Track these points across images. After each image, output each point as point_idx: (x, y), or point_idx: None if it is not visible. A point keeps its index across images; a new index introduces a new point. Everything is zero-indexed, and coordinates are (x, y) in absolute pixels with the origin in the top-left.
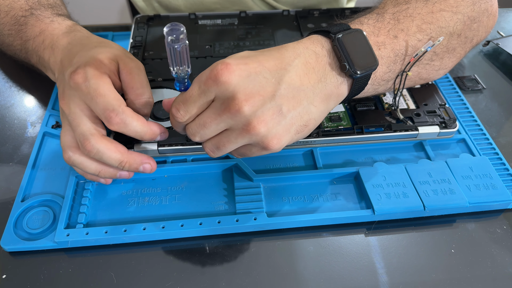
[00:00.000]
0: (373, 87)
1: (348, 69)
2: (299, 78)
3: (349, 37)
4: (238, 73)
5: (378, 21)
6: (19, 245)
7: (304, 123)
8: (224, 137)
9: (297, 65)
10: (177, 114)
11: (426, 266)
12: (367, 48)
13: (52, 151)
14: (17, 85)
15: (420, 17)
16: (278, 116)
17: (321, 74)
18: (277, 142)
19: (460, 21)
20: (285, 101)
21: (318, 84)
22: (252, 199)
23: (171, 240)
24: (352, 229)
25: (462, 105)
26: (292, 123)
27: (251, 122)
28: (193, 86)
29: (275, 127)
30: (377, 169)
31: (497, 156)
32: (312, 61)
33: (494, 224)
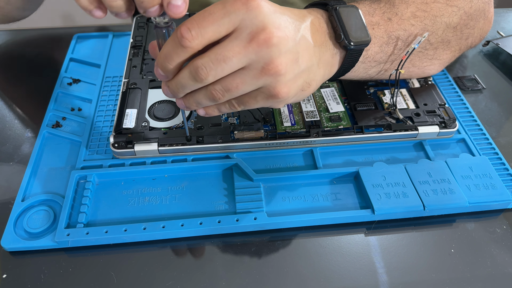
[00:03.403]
0: (363, 65)
1: (343, 39)
2: (311, 35)
3: (345, 10)
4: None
5: (373, 2)
6: (19, 244)
7: (309, 81)
8: (239, 77)
9: (308, 23)
10: (187, 33)
11: (426, 266)
12: (361, 24)
13: (52, 150)
14: (18, 85)
15: (415, 5)
16: (295, 63)
17: (323, 38)
18: (287, 91)
19: (455, 13)
20: (301, 50)
21: (321, 47)
22: (252, 199)
23: (171, 240)
24: (352, 229)
25: (462, 105)
26: (301, 76)
27: (273, 60)
28: (215, 5)
29: (290, 74)
30: (377, 169)
31: (497, 156)
32: (316, 24)
33: (494, 224)
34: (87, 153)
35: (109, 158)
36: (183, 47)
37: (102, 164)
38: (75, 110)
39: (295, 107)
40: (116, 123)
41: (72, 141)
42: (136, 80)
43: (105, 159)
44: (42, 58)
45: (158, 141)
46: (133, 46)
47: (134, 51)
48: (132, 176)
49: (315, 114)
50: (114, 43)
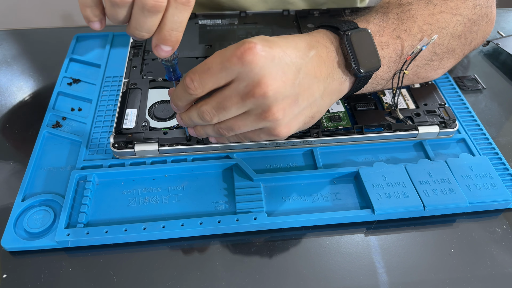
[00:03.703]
0: (372, 85)
1: (353, 68)
2: (314, 70)
3: (356, 36)
4: (264, 55)
5: (383, 21)
6: (19, 244)
7: (312, 115)
8: (240, 121)
9: (313, 56)
10: (191, 84)
11: (426, 266)
12: (372, 49)
13: (52, 150)
14: (18, 85)
15: (422, 18)
16: (294, 105)
17: (330, 69)
18: (287, 131)
19: (460, 22)
20: (302, 90)
21: (327, 78)
22: (252, 199)
23: (171, 240)
24: (352, 229)
25: (462, 105)
26: (303, 113)
27: (271, 108)
28: (213, 59)
29: (289, 116)
30: (377, 169)
31: (497, 156)
32: (323, 55)
33: (494, 224)
34: (87, 153)
35: (109, 158)
36: (189, 94)
37: (102, 164)
38: (75, 110)
39: None
40: (116, 123)
41: (72, 141)
42: (136, 80)
43: (105, 159)
44: (42, 58)
45: (158, 141)
46: (133, 46)
47: (134, 51)
48: (132, 176)
49: None
50: (114, 43)
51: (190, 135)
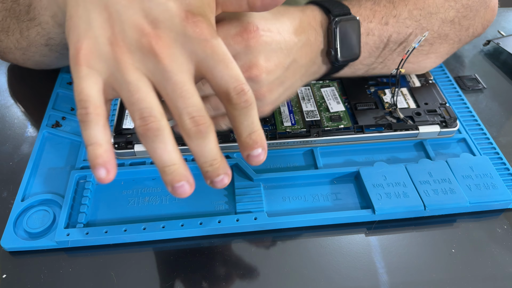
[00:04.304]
0: (350, 70)
1: (332, 56)
2: (301, 54)
3: (345, 25)
4: (264, 39)
5: (375, 4)
6: (19, 244)
7: (290, 94)
8: None
9: (303, 40)
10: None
11: (426, 266)
12: (356, 40)
13: (52, 150)
14: (18, 85)
15: (413, 2)
16: (281, 86)
17: (314, 53)
18: (270, 108)
19: (452, 7)
20: (289, 74)
21: (310, 62)
22: (252, 199)
23: (171, 240)
24: (352, 229)
25: (463, 105)
26: (285, 93)
27: (261, 88)
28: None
29: (275, 95)
30: (378, 169)
31: (498, 156)
32: (312, 39)
33: (494, 224)
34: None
35: None
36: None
37: None
38: (75, 109)
39: (295, 107)
40: (116, 123)
41: (72, 141)
42: None
43: None
44: None
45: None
46: None
47: None
48: (132, 176)
49: (315, 114)
50: None
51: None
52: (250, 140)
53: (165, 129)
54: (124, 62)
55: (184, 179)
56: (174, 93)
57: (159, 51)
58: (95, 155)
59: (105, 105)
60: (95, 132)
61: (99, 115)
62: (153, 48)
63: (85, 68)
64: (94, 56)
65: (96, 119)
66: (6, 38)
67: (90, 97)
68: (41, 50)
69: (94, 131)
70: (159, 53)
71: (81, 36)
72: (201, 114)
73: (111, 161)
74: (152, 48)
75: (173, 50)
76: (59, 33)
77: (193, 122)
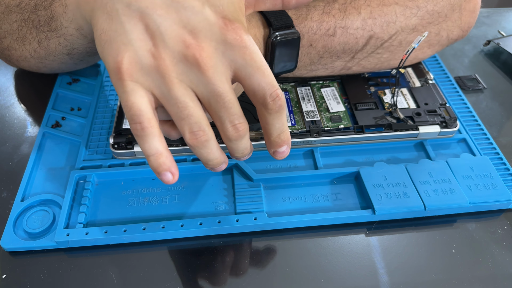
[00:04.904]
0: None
1: None
2: None
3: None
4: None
5: (324, 13)
6: (18, 244)
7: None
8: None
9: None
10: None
11: (426, 266)
12: (293, 55)
13: (52, 150)
14: (17, 85)
15: (369, 10)
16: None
17: None
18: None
19: (414, 15)
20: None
21: None
22: (252, 199)
23: (171, 240)
24: (352, 229)
25: (463, 105)
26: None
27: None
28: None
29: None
30: (378, 169)
31: (498, 156)
32: None
33: (495, 224)
34: (87, 153)
35: (109, 158)
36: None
37: (101, 164)
38: (75, 110)
39: (295, 107)
40: (116, 123)
41: (71, 141)
42: None
43: (105, 159)
44: None
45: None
46: None
47: None
48: (132, 176)
49: (315, 114)
50: None
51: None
52: (279, 139)
53: (211, 138)
54: (168, 76)
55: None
56: (217, 104)
57: (202, 63)
58: (158, 164)
59: (155, 115)
60: (154, 144)
61: (153, 127)
62: (197, 60)
63: (130, 83)
64: (136, 69)
65: (152, 131)
66: (22, 47)
67: (142, 111)
68: (61, 59)
69: (153, 144)
70: (202, 65)
71: (120, 49)
72: (241, 121)
73: (173, 164)
74: (196, 60)
75: (215, 60)
76: (83, 43)
77: (234, 129)
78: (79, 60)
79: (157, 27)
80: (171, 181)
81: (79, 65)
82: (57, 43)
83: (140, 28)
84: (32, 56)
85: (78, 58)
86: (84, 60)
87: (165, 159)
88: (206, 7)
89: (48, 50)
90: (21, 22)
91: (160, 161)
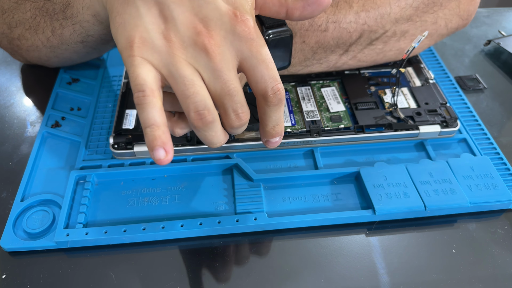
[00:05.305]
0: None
1: None
2: None
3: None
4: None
5: None
6: (18, 245)
7: None
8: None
9: None
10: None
11: (427, 266)
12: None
13: (51, 150)
14: (17, 85)
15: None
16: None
17: None
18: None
19: (410, 5)
20: None
21: None
22: (252, 199)
23: (171, 240)
24: (352, 229)
25: (463, 105)
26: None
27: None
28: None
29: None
30: (378, 169)
31: (498, 156)
32: None
33: (495, 224)
34: (87, 153)
35: (109, 158)
36: None
37: (101, 164)
38: (75, 109)
39: (295, 107)
40: (115, 123)
41: (71, 141)
42: None
43: (105, 159)
44: None
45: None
46: None
47: None
48: (132, 176)
49: (315, 114)
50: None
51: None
52: (274, 131)
53: (216, 120)
54: (177, 57)
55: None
56: (222, 90)
57: (211, 49)
58: (153, 137)
59: (160, 91)
60: (153, 114)
61: (156, 97)
62: (205, 47)
63: (139, 58)
64: (147, 48)
65: (153, 101)
66: (34, 36)
67: (146, 81)
68: (74, 47)
69: (152, 113)
70: (211, 52)
71: (133, 30)
72: (244, 111)
73: (169, 142)
74: (205, 46)
75: (223, 49)
76: (99, 30)
77: (237, 118)
78: (92, 49)
79: (170, 12)
80: (163, 159)
81: (91, 55)
82: (71, 30)
83: (154, 12)
84: (45, 45)
85: (91, 47)
86: (97, 49)
87: (161, 133)
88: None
89: (62, 38)
90: (35, 11)
91: (156, 133)
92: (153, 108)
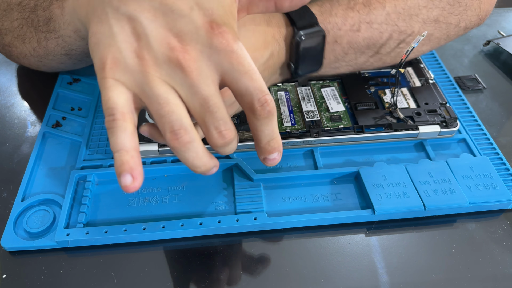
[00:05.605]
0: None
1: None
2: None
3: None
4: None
5: (348, 8)
6: (19, 244)
7: None
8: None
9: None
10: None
11: (426, 266)
12: (318, 54)
13: (52, 150)
14: (17, 85)
15: (393, 4)
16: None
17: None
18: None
19: (436, 6)
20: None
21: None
22: (252, 199)
23: (171, 240)
24: (352, 229)
25: (463, 105)
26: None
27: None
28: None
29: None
30: (378, 169)
31: (498, 156)
32: (275, 53)
33: (494, 224)
34: (87, 153)
35: (109, 158)
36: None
37: (102, 164)
38: (75, 109)
39: (295, 107)
40: None
41: (72, 141)
42: None
43: (105, 159)
44: None
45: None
46: None
47: None
48: None
49: (315, 114)
50: None
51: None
52: (269, 146)
53: (195, 140)
54: (151, 75)
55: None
56: (201, 107)
57: (186, 65)
58: (121, 162)
59: (133, 113)
60: (122, 138)
61: (126, 121)
62: (180, 63)
63: (111, 80)
64: (120, 68)
65: (123, 125)
66: (22, 45)
67: (117, 105)
68: (60, 59)
69: (121, 138)
70: (186, 67)
71: (105, 50)
72: (227, 128)
73: (137, 168)
74: (180, 62)
75: (200, 63)
76: (81, 45)
77: (220, 136)
78: (77, 61)
79: (143, 29)
80: (130, 185)
81: (78, 65)
82: (55, 43)
83: (127, 30)
84: (32, 55)
85: (76, 59)
86: (83, 61)
87: (129, 158)
88: (194, 10)
89: (47, 50)
90: (21, 21)
91: (124, 158)
92: (123, 133)
